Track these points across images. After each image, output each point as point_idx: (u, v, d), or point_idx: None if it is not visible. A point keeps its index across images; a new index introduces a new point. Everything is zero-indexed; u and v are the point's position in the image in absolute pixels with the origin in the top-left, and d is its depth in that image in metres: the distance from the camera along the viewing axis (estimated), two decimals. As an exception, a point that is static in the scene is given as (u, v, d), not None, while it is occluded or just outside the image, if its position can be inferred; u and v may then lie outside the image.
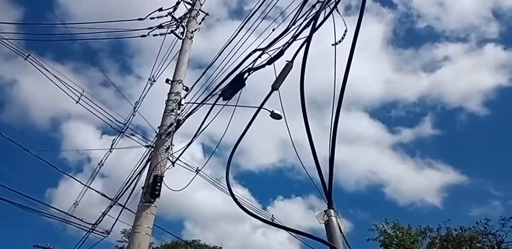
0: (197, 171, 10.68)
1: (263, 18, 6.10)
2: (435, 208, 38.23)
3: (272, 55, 4.40)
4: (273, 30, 4.93)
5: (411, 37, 57.35)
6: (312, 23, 3.68)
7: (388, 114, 52.76)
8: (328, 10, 3.48)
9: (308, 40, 3.18)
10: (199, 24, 10.06)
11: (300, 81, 3.09)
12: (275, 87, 3.57)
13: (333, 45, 3.29)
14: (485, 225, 18.59)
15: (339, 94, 2.91)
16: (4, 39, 9.67)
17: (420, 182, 42.58)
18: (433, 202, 42.96)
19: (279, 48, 4.36)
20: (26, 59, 9.86)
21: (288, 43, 4.22)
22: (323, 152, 3.10)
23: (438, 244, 19.24)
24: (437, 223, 20.03)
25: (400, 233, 19.88)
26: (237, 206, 2.66)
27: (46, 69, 9.69)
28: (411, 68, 53.61)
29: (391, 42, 58.01)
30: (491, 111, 47.81)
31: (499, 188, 42.36)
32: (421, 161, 50.58)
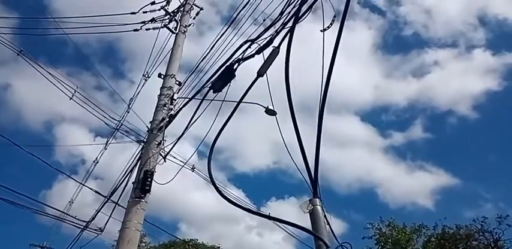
0: (193, 169, 10.61)
1: (255, 20, 6.02)
2: (427, 210, 38.27)
3: (261, 45, 4.31)
4: (264, 20, 4.85)
5: (400, 43, 57.81)
6: (300, 11, 3.59)
7: (379, 118, 52.96)
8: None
9: (293, 26, 3.08)
10: (194, 19, 9.95)
11: (284, 70, 3.00)
12: (261, 73, 3.48)
13: (321, 31, 3.21)
14: (482, 223, 18.57)
15: (325, 80, 2.82)
16: (-3, 34, 9.54)
17: (412, 185, 42.74)
18: (425, 204, 43.04)
19: (268, 37, 4.28)
20: (18, 55, 9.71)
21: (277, 32, 4.13)
22: (312, 150, 3.02)
23: (435, 242, 19.19)
24: (431, 224, 20.01)
25: (395, 231, 19.83)
26: (218, 194, 2.57)
27: (40, 65, 9.56)
28: (401, 73, 53.97)
29: (381, 48, 58.43)
30: (481, 114, 48.26)
31: (489, 190, 42.54)
32: (413, 164, 51.05)
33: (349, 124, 47.95)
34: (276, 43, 4.34)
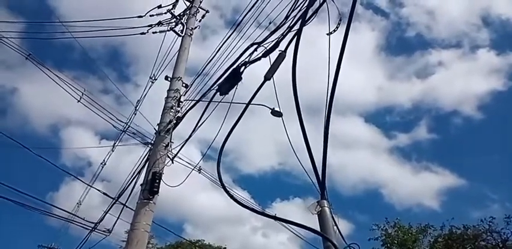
0: (199, 170, 10.66)
1: (260, 23, 6.07)
2: (434, 212, 38.05)
3: (267, 48, 4.36)
4: (270, 23, 4.89)
5: (404, 44, 57.70)
6: (306, 14, 3.64)
7: (383, 119, 52.87)
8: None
9: (299, 30, 3.13)
10: (199, 21, 10.03)
11: (291, 73, 3.04)
12: (267, 77, 3.53)
13: (327, 34, 3.25)
14: (490, 223, 18.45)
15: (332, 83, 2.86)
16: (5, 37, 9.67)
17: (418, 186, 42.50)
18: (431, 205, 42.80)
19: (274, 40, 4.33)
20: (27, 58, 9.84)
21: (283, 35, 4.18)
22: (319, 152, 3.05)
23: (442, 242, 19.10)
24: (438, 225, 19.88)
25: (401, 232, 19.73)
26: (228, 196, 2.62)
27: (47, 68, 9.67)
28: (405, 74, 53.91)
29: (384, 49, 58.34)
30: (486, 114, 47.96)
31: (495, 191, 42.23)
32: (418, 164, 50.85)
33: (353, 125, 47.99)
34: (282, 46, 4.41)
